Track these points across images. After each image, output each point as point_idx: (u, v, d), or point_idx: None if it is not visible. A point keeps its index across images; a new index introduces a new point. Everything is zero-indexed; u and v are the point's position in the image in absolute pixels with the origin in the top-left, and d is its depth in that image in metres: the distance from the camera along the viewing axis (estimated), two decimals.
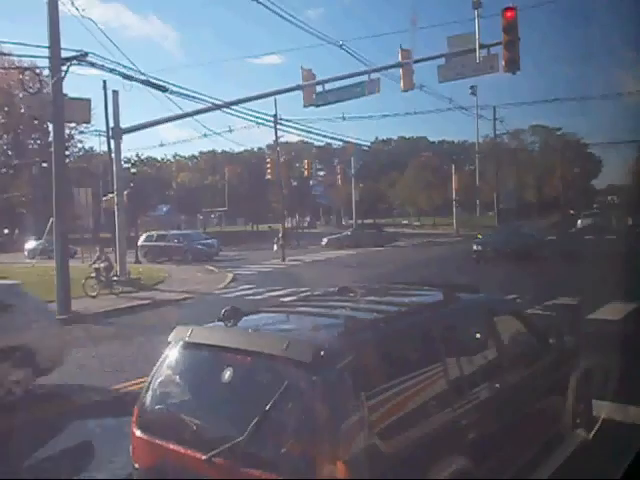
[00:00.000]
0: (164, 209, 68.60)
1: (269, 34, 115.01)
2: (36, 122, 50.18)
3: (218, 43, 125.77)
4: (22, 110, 51.12)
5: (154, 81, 18.02)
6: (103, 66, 16.51)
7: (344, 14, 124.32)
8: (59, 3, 14.43)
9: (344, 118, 27.26)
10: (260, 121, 27.22)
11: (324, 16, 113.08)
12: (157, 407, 3.67)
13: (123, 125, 20.18)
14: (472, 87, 45.10)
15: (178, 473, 3.31)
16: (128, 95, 53.93)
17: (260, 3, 16.88)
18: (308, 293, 10.54)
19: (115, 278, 18.10)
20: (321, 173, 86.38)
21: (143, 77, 17.71)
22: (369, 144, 68.28)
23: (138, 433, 3.61)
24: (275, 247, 32.90)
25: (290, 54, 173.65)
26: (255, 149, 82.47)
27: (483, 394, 3.86)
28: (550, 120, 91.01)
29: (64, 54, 14.83)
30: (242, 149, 74.25)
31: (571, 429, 5.00)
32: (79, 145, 55.54)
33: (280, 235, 32.62)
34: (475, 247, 23.54)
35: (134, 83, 17.48)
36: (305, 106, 18.93)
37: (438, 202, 59.85)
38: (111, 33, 35.88)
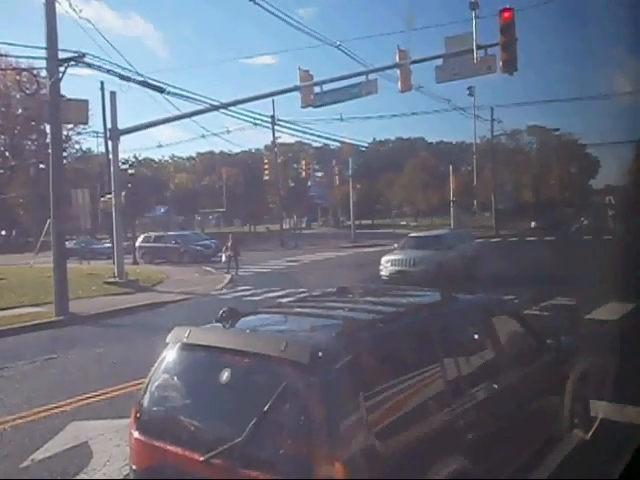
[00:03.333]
0: (162, 210, 68.65)
1: (260, 34, 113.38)
2: (33, 123, 50.22)
3: (209, 43, 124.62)
4: (19, 111, 51.33)
5: (151, 82, 18.05)
6: (100, 67, 16.52)
7: (338, 14, 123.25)
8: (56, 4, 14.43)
9: (341, 119, 27.22)
10: (257, 122, 27.19)
11: (317, 16, 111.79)
12: (155, 408, 3.66)
13: (120, 126, 20.19)
14: (469, 88, 45.01)
15: (176, 474, 3.30)
16: (125, 96, 53.91)
17: (257, 4, 16.90)
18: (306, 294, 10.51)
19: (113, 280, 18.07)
20: (319, 174, 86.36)
21: (140, 78, 17.73)
22: (367, 145, 68.47)
23: (136, 434, 3.61)
24: (223, 258, 24.63)
25: (283, 54, 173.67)
26: (252, 150, 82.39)
27: (481, 394, 3.87)
28: (547, 120, 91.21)
29: (61, 55, 14.81)
30: (239, 150, 74.10)
31: (569, 429, 5.01)
32: (76, 146, 55.72)
33: (229, 243, 24.02)
34: None
35: (131, 84, 17.49)
36: (303, 107, 18.93)
37: (436, 203, 59.91)
38: (98, 33, 35.79)
